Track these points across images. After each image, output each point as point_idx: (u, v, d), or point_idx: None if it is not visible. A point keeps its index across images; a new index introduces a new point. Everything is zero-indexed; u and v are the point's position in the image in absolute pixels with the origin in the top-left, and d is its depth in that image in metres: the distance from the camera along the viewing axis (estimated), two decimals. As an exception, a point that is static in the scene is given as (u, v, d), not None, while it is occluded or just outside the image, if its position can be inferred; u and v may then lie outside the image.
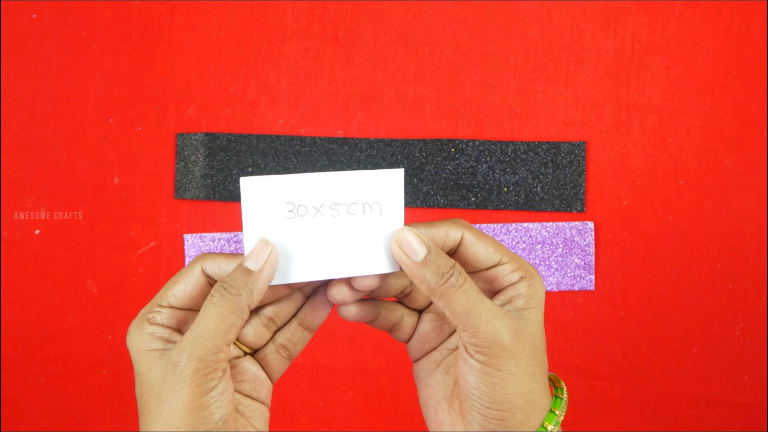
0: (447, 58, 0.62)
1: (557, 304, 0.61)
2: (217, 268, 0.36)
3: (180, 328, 0.37)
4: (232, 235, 0.62)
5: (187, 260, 0.62)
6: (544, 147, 0.61)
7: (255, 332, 0.38)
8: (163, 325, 0.36)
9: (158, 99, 0.63)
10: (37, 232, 0.63)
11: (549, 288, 0.61)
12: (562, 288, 0.60)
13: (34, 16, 0.64)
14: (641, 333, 0.60)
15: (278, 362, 0.39)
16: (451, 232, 0.36)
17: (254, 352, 0.39)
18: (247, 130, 0.63)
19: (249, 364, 0.38)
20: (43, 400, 0.63)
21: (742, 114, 0.60)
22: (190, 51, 0.63)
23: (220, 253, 0.37)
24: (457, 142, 0.61)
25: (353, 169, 0.62)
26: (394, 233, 0.36)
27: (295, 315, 0.39)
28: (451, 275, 0.35)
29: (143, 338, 0.35)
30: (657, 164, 0.60)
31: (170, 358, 0.34)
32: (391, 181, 0.37)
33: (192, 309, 0.37)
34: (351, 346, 0.62)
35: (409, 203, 0.61)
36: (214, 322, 0.34)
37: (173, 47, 0.63)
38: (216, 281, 0.36)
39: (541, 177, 0.61)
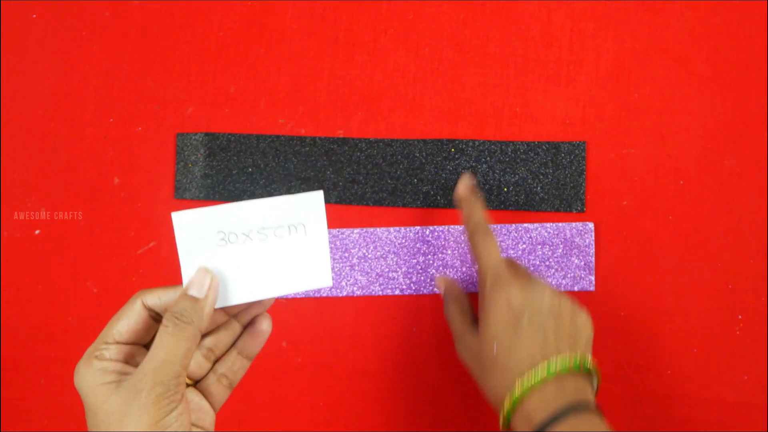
0: (447, 58, 0.62)
1: (557, 304, 0.61)
2: (158, 300, 0.39)
3: (128, 362, 0.38)
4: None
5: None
6: (544, 147, 0.61)
7: (196, 363, 0.40)
8: (112, 360, 0.38)
9: (158, 99, 0.63)
10: (37, 232, 0.63)
11: None
12: (562, 289, 0.60)
13: (34, 16, 0.64)
14: (641, 333, 0.60)
15: (219, 391, 0.42)
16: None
17: (195, 383, 0.41)
18: (247, 130, 0.63)
19: (192, 395, 0.41)
20: (43, 400, 0.63)
21: (742, 114, 0.60)
22: (190, 51, 0.63)
23: (157, 287, 0.39)
24: (457, 142, 0.61)
25: (355, 169, 0.62)
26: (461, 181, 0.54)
27: (233, 345, 0.42)
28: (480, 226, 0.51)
29: (94, 374, 0.37)
30: (657, 164, 0.60)
31: (132, 386, 0.36)
32: (312, 202, 0.40)
33: (137, 343, 0.39)
34: (351, 346, 0.62)
35: (409, 203, 0.61)
36: (172, 349, 0.36)
37: (173, 47, 0.63)
38: (156, 313, 0.39)
39: (541, 177, 0.61)
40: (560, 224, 0.60)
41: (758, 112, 0.60)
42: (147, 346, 0.40)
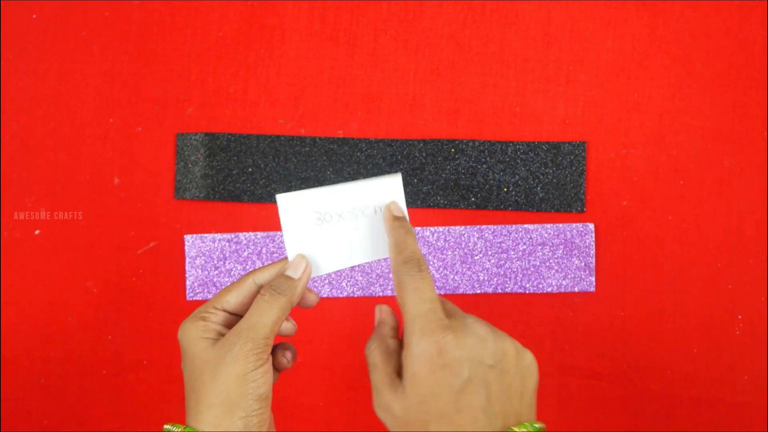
0: (447, 58, 0.62)
1: (557, 304, 0.61)
2: (267, 275, 0.44)
3: (225, 324, 0.43)
4: (233, 236, 0.62)
5: (188, 260, 0.62)
6: (544, 147, 0.61)
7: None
8: (215, 323, 0.43)
9: (158, 99, 0.63)
10: (37, 232, 0.63)
11: (549, 289, 0.61)
12: (563, 290, 0.60)
13: (34, 16, 0.64)
14: (641, 333, 0.60)
15: (284, 358, 0.46)
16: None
17: None
18: (247, 130, 0.63)
19: None
20: (43, 400, 0.63)
21: (742, 114, 0.60)
22: (190, 51, 0.63)
23: (267, 266, 0.45)
24: (457, 142, 0.61)
25: (355, 169, 0.62)
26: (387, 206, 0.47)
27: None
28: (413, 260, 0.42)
29: (198, 329, 0.42)
30: (657, 164, 0.60)
31: (227, 339, 0.41)
32: (393, 185, 0.46)
33: (241, 315, 0.44)
34: (351, 346, 0.62)
35: (409, 203, 0.61)
36: (265, 314, 0.42)
37: (173, 47, 0.63)
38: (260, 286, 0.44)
39: (541, 177, 0.61)
40: (560, 225, 0.60)
41: (758, 112, 0.60)
42: None
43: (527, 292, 0.61)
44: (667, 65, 0.61)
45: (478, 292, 0.61)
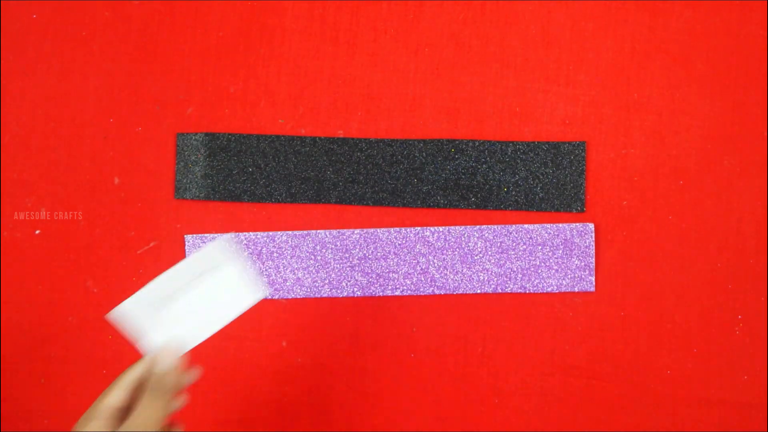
0: (447, 58, 0.62)
1: (557, 304, 0.61)
2: (124, 394, 0.45)
3: (115, 424, 0.45)
4: (233, 235, 0.62)
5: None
6: (544, 147, 0.61)
7: None
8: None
9: (158, 99, 0.63)
10: (37, 232, 0.63)
11: (549, 289, 0.61)
12: (563, 289, 0.60)
13: (34, 16, 0.64)
14: (641, 333, 0.60)
15: None
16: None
17: None
18: (247, 130, 0.63)
19: None
20: (43, 400, 0.63)
21: (742, 114, 0.60)
22: (190, 51, 0.63)
23: (117, 384, 0.45)
24: (457, 142, 0.61)
25: (355, 168, 0.62)
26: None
27: None
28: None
29: None
30: (657, 164, 0.60)
31: None
32: (220, 248, 0.47)
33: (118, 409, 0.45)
34: (351, 346, 0.62)
35: (409, 203, 0.61)
36: (149, 416, 0.44)
37: (173, 47, 0.63)
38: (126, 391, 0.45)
39: (541, 177, 0.61)
40: (560, 225, 0.60)
41: (758, 112, 0.60)
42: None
43: (527, 292, 0.61)
44: (667, 65, 0.61)
45: (478, 292, 0.61)
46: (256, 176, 0.62)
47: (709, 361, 0.60)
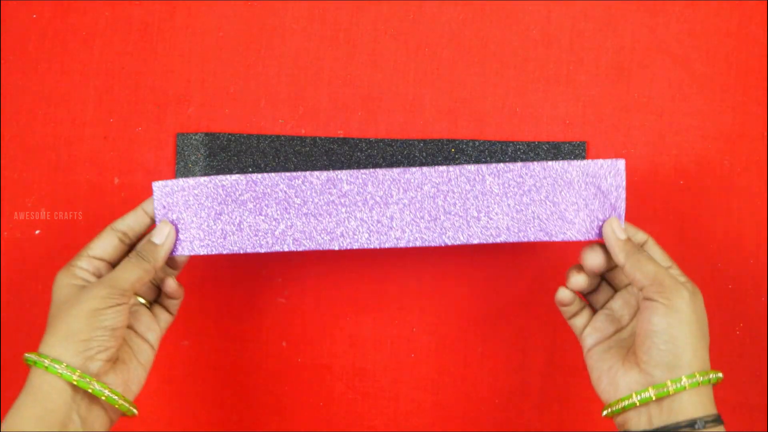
0: (447, 58, 0.62)
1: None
2: (124, 223, 0.51)
3: (95, 274, 0.49)
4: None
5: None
6: (544, 147, 0.61)
7: (147, 289, 0.53)
8: (83, 269, 0.49)
9: (158, 99, 0.63)
10: (37, 232, 0.63)
11: (572, 236, 0.52)
12: (590, 236, 0.52)
13: (34, 16, 0.64)
14: (641, 333, 0.60)
15: (165, 318, 0.53)
16: (638, 235, 0.50)
17: (150, 306, 0.53)
18: (247, 130, 0.63)
19: (144, 311, 0.52)
20: (43, 400, 0.63)
21: (742, 114, 0.60)
22: (190, 51, 0.63)
23: (126, 215, 0.51)
24: (457, 142, 0.61)
25: (355, 168, 0.62)
26: (607, 222, 0.50)
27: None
28: (642, 250, 0.48)
29: (66, 276, 0.48)
30: (657, 164, 0.60)
31: (90, 286, 0.47)
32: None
33: (104, 260, 0.50)
34: (351, 346, 0.62)
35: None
36: (127, 273, 0.48)
37: (173, 47, 0.63)
38: (123, 233, 0.51)
39: (541, 177, 0.61)
40: (587, 162, 0.52)
41: (758, 112, 0.60)
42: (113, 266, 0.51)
43: (549, 239, 0.52)
44: (667, 65, 0.61)
45: (491, 241, 0.52)
46: (256, 176, 0.62)
47: (710, 361, 0.60)
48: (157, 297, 0.54)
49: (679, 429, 0.44)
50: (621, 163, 0.51)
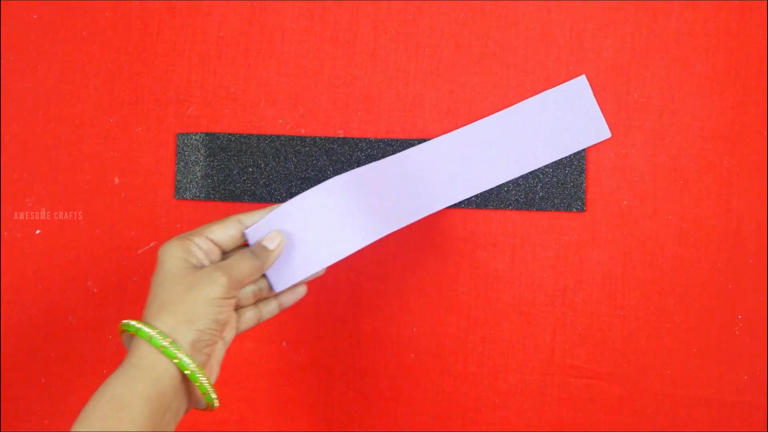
0: (447, 58, 0.62)
1: (557, 304, 0.61)
2: (251, 218, 0.51)
3: (207, 255, 0.49)
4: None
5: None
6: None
7: (244, 294, 0.51)
8: (199, 247, 0.48)
9: (158, 99, 0.63)
10: (37, 232, 0.63)
11: (564, 152, 0.61)
12: (580, 146, 0.60)
13: (35, 16, 0.64)
14: (641, 333, 0.60)
15: (248, 319, 0.52)
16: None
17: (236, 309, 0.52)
18: (247, 130, 0.63)
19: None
20: (43, 400, 0.63)
21: (742, 114, 0.60)
22: (190, 51, 0.63)
23: (254, 210, 0.51)
24: (457, 142, 0.61)
25: (355, 168, 0.62)
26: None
27: (276, 297, 0.53)
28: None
29: (182, 249, 0.47)
30: (657, 164, 0.60)
31: (208, 269, 0.47)
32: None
33: (220, 245, 0.50)
34: (351, 346, 0.62)
35: (409, 203, 0.61)
36: (244, 264, 0.48)
37: (173, 47, 0.63)
38: (245, 227, 0.50)
39: (541, 177, 0.61)
40: (549, 91, 0.60)
41: (758, 112, 0.60)
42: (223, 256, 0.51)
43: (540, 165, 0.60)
44: (667, 65, 0.61)
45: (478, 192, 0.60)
46: (256, 176, 0.62)
47: (709, 361, 0.60)
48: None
49: None
50: (582, 79, 0.59)
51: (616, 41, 0.61)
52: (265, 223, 0.51)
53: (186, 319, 0.45)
